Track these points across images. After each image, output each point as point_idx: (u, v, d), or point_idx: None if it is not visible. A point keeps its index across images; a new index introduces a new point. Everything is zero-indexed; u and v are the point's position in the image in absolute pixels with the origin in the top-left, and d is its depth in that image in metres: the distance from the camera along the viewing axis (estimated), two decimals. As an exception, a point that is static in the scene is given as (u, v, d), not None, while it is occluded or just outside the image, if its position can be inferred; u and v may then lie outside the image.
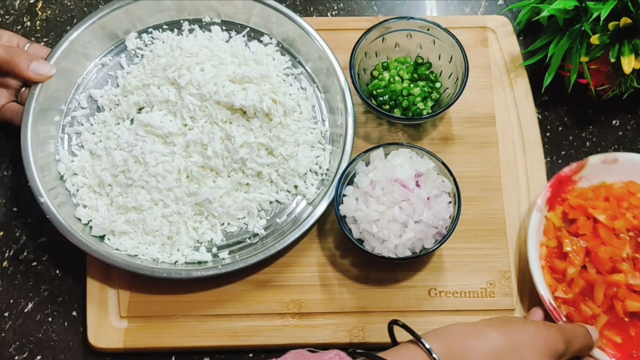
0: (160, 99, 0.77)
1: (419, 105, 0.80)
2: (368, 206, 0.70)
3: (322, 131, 0.80)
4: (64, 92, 0.79)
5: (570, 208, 0.74)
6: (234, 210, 0.75)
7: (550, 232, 0.74)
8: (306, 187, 0.77)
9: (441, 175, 0.73)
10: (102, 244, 0.73)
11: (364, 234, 0.71)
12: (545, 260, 0.72)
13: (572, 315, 0.70)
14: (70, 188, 0.76)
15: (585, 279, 0.70)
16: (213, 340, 0.73)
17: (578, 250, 0.71)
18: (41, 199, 0.72)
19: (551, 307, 0.70)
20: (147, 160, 0.74)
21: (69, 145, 0.78)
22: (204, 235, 0.75)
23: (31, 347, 0.75)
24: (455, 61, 0.79)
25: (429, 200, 0.71)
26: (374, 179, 0.71)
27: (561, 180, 0.75)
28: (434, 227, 0.70)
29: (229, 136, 0.75)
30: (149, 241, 0.74)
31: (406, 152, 0.73)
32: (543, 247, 0.73)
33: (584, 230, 0.72)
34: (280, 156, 0.76)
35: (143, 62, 0.81)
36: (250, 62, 0.79)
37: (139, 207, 0.74)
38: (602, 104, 0.85)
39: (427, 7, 0.92)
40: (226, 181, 0.75)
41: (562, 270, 0.71)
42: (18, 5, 0.92)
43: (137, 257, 0.73)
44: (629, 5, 0.74)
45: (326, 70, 0.80)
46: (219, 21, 0.84)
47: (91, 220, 0.74)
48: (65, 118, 0.79)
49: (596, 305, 0.69)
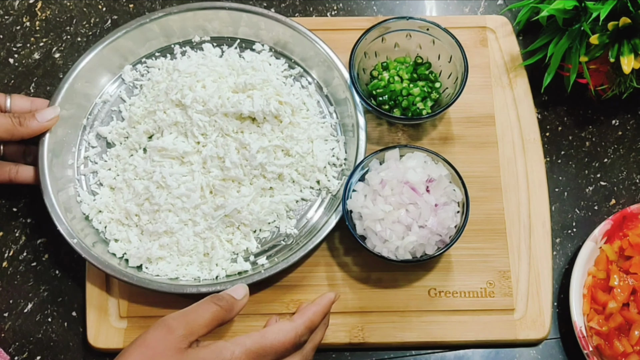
0: (169, 122, 0.77)
1: (418, 105, 0.80)
2: (375, 204, 0.70)
3: (331, 123, 0.80)
4: (72, 135, 0.79)
5: (629, 244, 0.73)
6: (263, 215, 0.75)
7: (601, 264, 0.73)
8: (328, 180, 0.77)
9: (453, 183, 0.72)
10: (141, 272, 0.73)
11: (367, 231, 0.71)
12: (588, 289, 0.72)
13: (602, 348, 0.70)
14: (98, 226, 0.75)
15: (624, 316, 0.70)
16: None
17: (624, 287, 0.71)
18: (74, 240, 0.71)
19: (581, 335, 0.70)
20: (168, 184, 0.74)
21: (87, 185, 0.78)
22: (239, 245, 0.74)
23: (31, 347, 0.75)
24: (454, 61, 0.79)
25: (437, 207, 0.70)
26: (385, 179, 0.71)
27: (626, 216, 0.75)
28: (438, 235, 0.70)
29: (243, 145, 0.75)
30: (187, 261, 0.74)
31: (421, 156, 0.73)
32: (589, 277, 0.73)
33: (636, 269, 0.72)
34: (297, 155, 0.76)
35: (143, 92, 0.81)
36: (249, 70, 0.80)
37: (170, 230, 0.73)
38: (602, 104, 0.85)
39: (426, 7, 0.92)
40: (250, 189, 0.75)
41: (603, 303, 0.71)
42: (18, 5, 0.92)
43: (178, 279, 0.73)
44: (628, 5, 0.74)
45: (324, 64, 0.81)
46: (209, 38, 0.85)
47: (125, 252, 0.74)
48: (78, 160, 0.79)
49: (630, 344, 0.69)
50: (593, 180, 0.82)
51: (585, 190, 0.82)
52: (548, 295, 0.74)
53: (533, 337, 0.73)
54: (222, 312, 0.60)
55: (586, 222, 0.80)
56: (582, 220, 0.80)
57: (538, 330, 0.73)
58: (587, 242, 0.74)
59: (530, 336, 0.73)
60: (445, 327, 0.73)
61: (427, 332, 0.73)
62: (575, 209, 0.81)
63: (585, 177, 0.82)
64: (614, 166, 0.83)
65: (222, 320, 0.61)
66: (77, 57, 0.88)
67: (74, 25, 0.91)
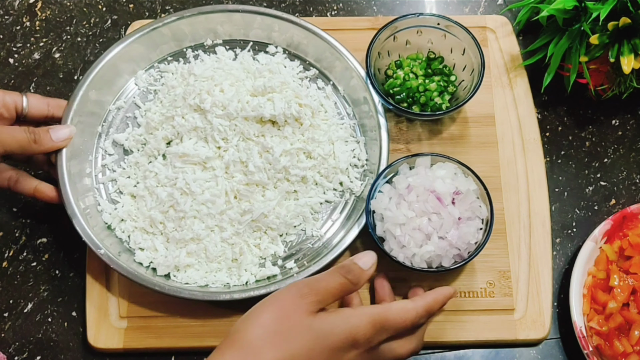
0: (188, 127, 0.76)
1: (436, 100, 0.80)
2: (398, 208, 0.70)
3: (350, 124, 0.80)
4: (88, 143, 0.78)
5: (629, 244, 0.73)
6: (289, 219, 0.74)
7: (601, 264, 0.73)
8: (351, 182, 0.77)
9: (480, 200, 0.71)
10: (170, 281, 0.72)
11: (387, 233, 0.70)
12: (588, 289, 0.72)
13: (602, 348, 0.69)
14: (121, 235, 0.75)
15: (624, 316, 0.70)
16: (213, 340, 0.73)
17: (624, 287, 0.71)
18: (100, 250, 0.70)
19: (581, 335, 0.70)
20: (192, 190, 0.73)
21: (107, 194, 0.77)
22: (266, 249, 0.74)
23: (31, 347, 0.75)
24: (468, 52, 0.79)
25: (460, 221, 0.69)
26: (412, 184, 0.70)
27: (626, 216, 0.75)
28: (456, 248, 0.69)
29: (265, 148, 0.75)
30: (215, 268, 0.73)
31: (452, 167, 0.72)
32: (589, 277, 0.73)
33: (636, 269, 0.72)
34: (319, 157, 0.76)
35: (159, 97, 0.81)
36: (265, 73, 0.79)
37: (196, 237, 0.73)
38: (602, 104, 0.85)
39: (426, 7, 0.92)
40: (274, 192, 0.75)
41: (603, 303, 0.71)
42: (17, 5, 0.92)
43: (208, 286, 0.72)
44: (628, 5, 0.74)
45: (341, 65, 0.80)
46: (221, 41, 0.84)
47: (152, 261, 0.73)
48: (95, 168, 0.78)
49: (630, 344, 0.69)
50: (593, 180, 0.82)
51: (585, 190, 0.82)
52: (548, 295, 0.74)
53: (533, 337, 0.73)
54: (349, 285, 0.61)
55: (586, 222, 0.80)
56: (582, 220, 0.80)
57: (538, 330, 0.73)
58: (587, 242, 0.74)
59: (530, 336, 0.73)
60: (445, 327, 0.73)
61: (427, 332, 0.73)
62: (575, 209, 0.81)
63: (585, 177, 0.82)
64: (614, 166, 0.83)
65: (349, 292, 0.62)
66: (76, 57, 0.89)
67: (74, 25, 0.91)
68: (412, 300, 0.64)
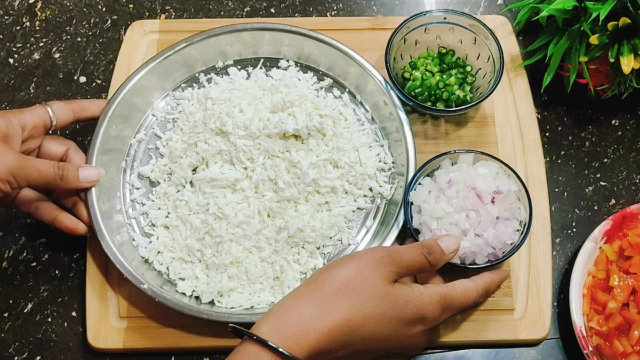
0: (212, 152, 0.76)
1: (457, 93, 0.80)
2: (437, 202, 0.70)
3: (372, 129, 0.81)
4: (114, 180, 0.77)
5: (628, 245, 0.73)
6: (325, 230, 0.74)
7: (601, 264, 0.73)
8: (380, 186, 0.78)
9: (520, 202, 0.71)
10: (215, 307, 0.72)
11: (423, 226, 0.70)
12: (588, 289, 0.72)
13: (602, 348, 0.69)
14: (159, 267, 0.74)
15: (624, 316, 0.70)
16: (213, 340, 0.73)
17: (624, 287, 0.71)
18: (143, 285, 0.70)
19: (581, 335, 0.70)
20: (226, 213, 0.73)
21: (139, 228, 0.77)
22: (306, 264, 0.74)
23: (31, 347, 0.75)
24: (480, 41, 0.79)
25: (497, 220, 0.69)
26: (453, 179, 0.71)
27: (625, 216, 0.75)
28: (491, 247, 0.69)
29: (292, 163, 0.75)
30: (259, 289, 0.73)
31: (495, 167, 0.72)
32: (589, 277, 0.73)
33: (635, 269, 0.72)
34: (346, 165, 0.76)
35: (178, 125, 0.80)
36: (282, 88, 0.79)
37: (236, 260, 0.72)
38: (602, 104, 0.85)
39: (426, 6, 0.92)
40: (307, 206, 0.75)
41: (602, 303, 0.71)
42: (17, 5, 0.92)
43: (254, 308, 0.72)
44: (628, 5, 0.74)
45: (355, 71, 0.80)
46: (232, 62, 0.84)
47: (194, 290, 0.73)
48: (125, 203, 0.78)
49: (630, 344, 0.69)
50: (593, 180, 0.82)
51: (585, 190, 0.82)
52: (548, 295, 0.74)
53: (533, 337, 0.73)
54: (427, 265, 0.64)
55: (586, 222, 0.80)
56: (582, 220, 0.80)
57: (538, 330, 0.73)
58: (587, 242, 0.74)
59: (530, 336, 0.73)
60: (445, 327, 0.73)
61: (427, 332, 0.73)
62: (575, 209, 0.81)
63: (585, 177, 0.82)
64: (614, 166, 0.83)
65: (425, 271, 0.64)
66: (76, 57, 0.89)
67: (74, 25, 0.91)
68: (472, 280, 0.66)
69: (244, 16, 0.91)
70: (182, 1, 0.92)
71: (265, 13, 0.91)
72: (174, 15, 0.91)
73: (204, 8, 0.92)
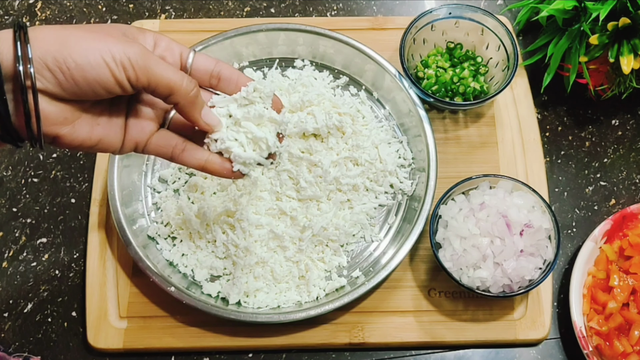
0: None
1: (473, 85, 0.80)
2: (465, 221, 0.70)
3: (390, 125, 0.81)
4: (136, 183, 0.78)
5: (628, 245, 0.73)
6: (348, 228, 0.75)
7: (601, 264, 0.73)
8: (401, 182, 0.78)
9: (549, 240, 0.70)
10: (242, 308, 0.72)
11: (445, 241, 0.70)
12: (588, 289, 0.72)
13: (602, 348, 0.69)
14: (184, 270, 0.74)
15: (624, 316, 0.70)
16: (213, 340, 0.73)
17: (624, 287, 0.71)
18: (171, 288, 0.70)
19: (580, 335, 0.70)
20: (249, 215, 0.73)
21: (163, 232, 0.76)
22: (331, 262, 0.74)
23: (31, 347, 0.75)
24: (487, 30, 0.80)
25: (521, 253, 0.68)
26: (487, 203, 0.70)
27: (625, 216, 0.75)
28: (509, 279, 0.68)
29: (313, 162, 0.75)
30: (284, 288, 0.73)
31: (532, 200, 0.71)
32: (589, 276, 0.73)
33: (635, 269, 0.72)
34: (366, 162, 0.77)
35: None
36: (299, 88, 0.79)
37: (261, 260, 0.73)
38: (601, 104, 0.85)
39: (426, 6, 0.92)
40: (329, 204, 0.75)
41: (603, 303, 0.71)
42: (17, 5, 0.92)
43: (280, 307, 0.72)
44: (627, 6, 0.74)
45: (371, 68, 0.80)
46: (247, 63, 0.84)
47: (220, 291, 0.73)
48: (147, 207, 0.78)
49: (630, 344, 0.69)
50: (593, 180, 0.82)
51: (585, 190, 0.82)
52: (548, 295, 0.74)
53: (533, 337, 0.73)
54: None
55: (586, 222, 0.80)
56: (582, 220, 0.80)
57: (538, 330, 0.73)
58: (587, 242, 0.74)
59: (530, 336, 0.73)
60: (445, 327, 0.73)
61: (427, 332, 0.73)
62: (575, 209, 0.81)
63: (585, 177, 0.82)
64: (614, 166, 0.83)
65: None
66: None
67: (74, 25, 0.91)
68: None
69: (243, 16, 0.91)
70: (182, 1, 0.92)
71: (265, 13, 0.92)
72: (174, 15, 0.91)
73: (204, 8, 0.92)
